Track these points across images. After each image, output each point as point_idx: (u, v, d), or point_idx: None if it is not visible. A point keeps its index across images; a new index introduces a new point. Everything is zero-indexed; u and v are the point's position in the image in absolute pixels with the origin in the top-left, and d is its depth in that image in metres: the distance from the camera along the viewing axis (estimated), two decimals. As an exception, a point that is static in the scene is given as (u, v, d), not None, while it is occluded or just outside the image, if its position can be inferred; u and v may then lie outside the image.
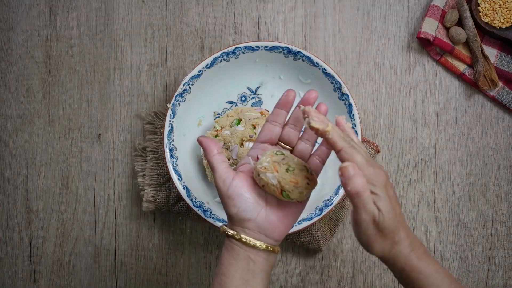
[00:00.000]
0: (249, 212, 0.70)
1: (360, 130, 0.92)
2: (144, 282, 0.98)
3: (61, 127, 0.99)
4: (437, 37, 0.96)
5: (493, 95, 0.98)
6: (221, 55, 0.92)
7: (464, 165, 0.98)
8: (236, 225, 0.71)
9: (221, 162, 0.72)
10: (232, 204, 0.70)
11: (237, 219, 0.71)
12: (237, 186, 0.71)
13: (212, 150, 0.73)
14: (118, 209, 0.98)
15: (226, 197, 0.71)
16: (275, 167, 0.70)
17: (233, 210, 0.71)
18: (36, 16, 0.99)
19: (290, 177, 0.70)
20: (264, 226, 0.71)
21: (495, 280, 0.98)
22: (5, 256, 0.99)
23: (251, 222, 0.71)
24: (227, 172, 0.71)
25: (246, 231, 0.71)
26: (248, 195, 0.71)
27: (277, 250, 0.72)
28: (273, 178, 0.69)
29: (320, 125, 0.64)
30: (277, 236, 0.72)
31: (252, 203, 0.71)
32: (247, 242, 0.70)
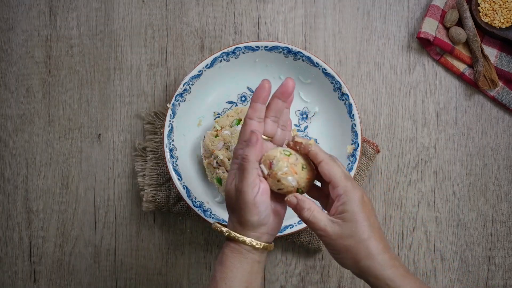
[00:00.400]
0: (267, 218, 0.71)
1: (360, 130, 0.92)
2: (144, 282, 0.98)
3: (61, 127, 0.99)
4: (437, 37, 0.96)
5: (493, 95, 0.98)
6: (221, 55, 0.92)
7: (464, 165, 0.98)
8: (249, 231, 0.71)
9: (255, 168, 0.70)
10: (256, 212, 0.70)
11: (255, 225, 0.70)
12: (263, 194, 0.70)
13: (257, 154, 0.71)
14: (118, 209, 0.98)
15: (251, 204, 0.69)
16: (293, 169, 0.70)
17: (255, 218, 0.70)
18: (36, 16, 0.99)
19: (306, 175, 0.71)
20: (271, 227, 0.72)
21: (495, 280, 0.98)
22: (5, 256, 0.99)
23: (265, 226, 0.71)
24: (257, 179, 0.70)
25: (258, 235, 0.71)
26: (268, 202, 0.71)
27: (271, 248, 0.74)
28: (293, 181, 0.70)
29: (303, 140, 0.71)
30: (276, 233, 0.74)
31: (269, 209, 0.71)
32: (257, 247, 0.71)
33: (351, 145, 0.93)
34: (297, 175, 0.70)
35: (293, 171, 0.70)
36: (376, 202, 0.98)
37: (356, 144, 0.93)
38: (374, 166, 0.98)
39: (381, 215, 0.98)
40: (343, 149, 0.94)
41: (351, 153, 0.93)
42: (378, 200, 0.98)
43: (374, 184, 0.98)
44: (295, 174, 0.70)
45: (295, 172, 0.70)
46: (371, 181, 0.98)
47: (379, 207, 0.98)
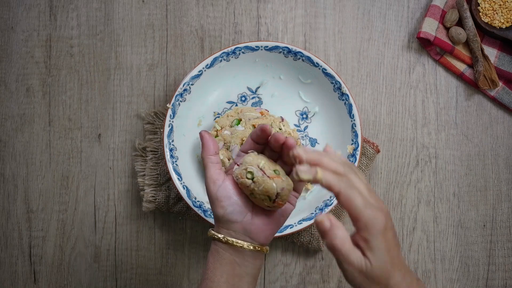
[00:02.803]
0: (236, 215, 0.71)
1: (360, 130, 0.92)
2: (144, 282, 0.98)
3: (61, 127, 0.99)
4: (437, 37, 0.96)
5: (493, 95, 0.98)
6: (221, 55, 0.92)
7: (464, 165, 0.98)
8: (223, 227, 0.72)
9: (215, 163, 0.73)
10: (220, 206, 0.71)
11: (224, 221, 0.71)
12: (226, 188, 0.71)
13: (209, 149, 0.73)
14: (118, 209, 0.98)
15: (214, 198, 0.71)
16: (242, 187, 0.71)
17: (220, 211, 0.71)
18: (36, 16, 0.99)
19: (254, 201, 0.72)
20: (249, 229, 0.71)
21: (495, 280, 0.98)
22: (5, 256, 0.99)
23: (237, 224, 0.71)
24: (218, 174, 0.72)
25: (232, 233, 0.71)
26: (236, 198, 0.72)
27: (266, 250, 0.73)
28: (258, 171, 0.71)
29: (309, 176, 0.60)
30: (262, 239, 0.72)
31: (240, 206, 0.71)
32: (233, 244, 0.70)
33: (351, 145, 0.93)
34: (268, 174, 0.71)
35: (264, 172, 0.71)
36: (376, 202, 0.98)
37: (356, 144, 0.93)
38: (374, 166, 0.98)
39: (381, 215, 0.98)
40: (343, 149, 0.94)
41: (351, 153, 0.93)
42: (378, 200, 0.98)
43: (374, 184, 0.98)
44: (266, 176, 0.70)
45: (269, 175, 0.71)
46: (371, 181, 0.98)
47: (379, 207, 0.98)
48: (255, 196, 0.71)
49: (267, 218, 0.73)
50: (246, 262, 0.71)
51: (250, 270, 0.72)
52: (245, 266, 0.71)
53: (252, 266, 0.72)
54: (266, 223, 0.73)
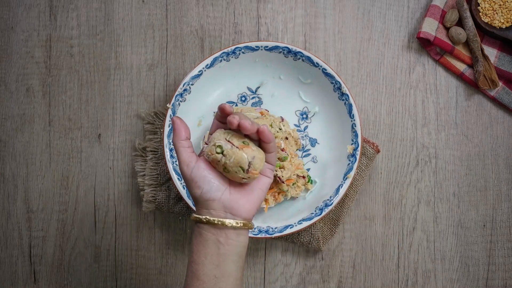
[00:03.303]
0: (213, 193, 0.71)
1: (360, 130, 0.92)
2: (144, 282, 0.98)
3: (61, 127, 0.99)
4: (437, 37, 0.96)
5: (493, 95, 0.98)
6: (221, 55, 0.92)
7: (464, 165, 0.98)
8: (202, 208, 0.72)
9: (186, 147, 0.73)
10: (196, 186, 0.72)
11: (202, 201, 0.72)
12: (199, 168, 0.72)
13: (181, 134, 0.73)
14: (118, 209, 0.98)
15: (189, 180, 0.72)
16: (214, 164, 0.72)
17: (197, 192, 0.72)
18: (36, 16, 0.99)
19: (227, 176, 0.72)
20: (229, 205, 0.72)
21: (495, 280, 0.98)
22: (5, 256, 0.99)
23: (215, 202, 0.71)
24: (191, 157, 0.73)
25: (212, 212, 0.72)
26: (211, 177, 0.72)
27: (249, 226, 0.73)
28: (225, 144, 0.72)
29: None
30: (244, 213, 0.72)
31: (216, 183, 0.72)
32: (214, 223, 0.71)
33: (351, 145, 0.93)
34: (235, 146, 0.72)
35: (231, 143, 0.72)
36: (376, 202, 0.98)
37: (356, 144, 0.93)
38: (374, 166, 0.98)
39: (381, 215, 0.98)
40: (343, 149, 0.94)
41: (351, 153, 0.93)
42: (378, 200, 0.98)
43: (374, 184, 0.98)
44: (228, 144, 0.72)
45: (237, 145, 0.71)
46: (371, 181, 0.98)
47: (379, 207, 0.98)
48: (228, 170, 0.71)
49: (245, 192, 0.73)
50: (229, 240, 0.71)
51: (235, 249, 0.72)
52: (229, 244, 0.71)
53: (236, 243, 0.72)
54: (245, 197, 0.73)
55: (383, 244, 0.98)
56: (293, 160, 0.92)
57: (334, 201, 0.92)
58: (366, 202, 0.98)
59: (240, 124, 0.70)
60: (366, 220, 0.98)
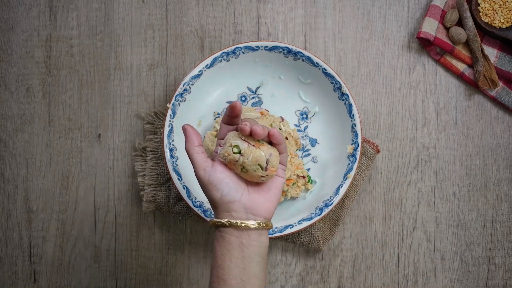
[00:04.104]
0: (233, 194, 0.72)
1: (360, 130, 0.92)
2: (144, 282, 0.98)
3: (61, 127, 0.99)
4: (437, 37, 0.96)
5: (493, 95, 0.98)
6: (221, 55, 0.92)
7: (464, 165, 0.98)
8: (223, 212, 0.72)
9: (200, 152, 0.74)
10: (215, 189, 0.72)
11: (222, 203, 0.72)
12: (216, 171, 0.72)
13: (193, 141, 0.74)
14: (118, 209, 0.98)
15: (208, 184, 0.72)
16: (231, 165, 0.73)
17: (217, 195, 0.72)
18: (36, 16, 0.99)
19: (245, 176, 0.73)
20: (249, 205, 0.72)
21: (495, 280, 0.98)
22: (5, 256, 0.98)
23: (236, 203, 0.72)
24: (206, 161, 0.73)
25: (233, 214, 0.72)
26: (229, 179, 0.72)
27: (270, 226, 0.73)
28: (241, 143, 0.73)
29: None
30: (264, 213, 0.73)
31: (234, 185, 0.72)
32: (238, 225, 0.71)
33: (351, 145, 0.93)
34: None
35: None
36: (376, 202, 0.98)
37: (356, 144, 0.93)
38: (374, 166, 0.98)
39: (381, 215, 0.98)
40: (343, 149, 0.94)
41: (351, 153, 0.93)
42: (378, 200, 0.98)
43: (374, 184, 0.98)
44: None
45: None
46: (371, 181, 0.98)
47: (379, 207, 0.98)
48: (247, 169, 0.72)
49: (263, 192, 0.74)
50: (252, 242, 0.71)
51: (258, 249, 0.72)
52: (252, 246, 0.71)
53: (259, 244, 0.72)
54: (263, 196, 0.73)
55: (383, 244, 0.98)
56: (293, 160, 0.92)
57: (334, 201, 0.92)
58: (366, 202, 0.98)
59: (253, 130, 0.71)
60: (366, 220, 0.98)
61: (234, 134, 0.73)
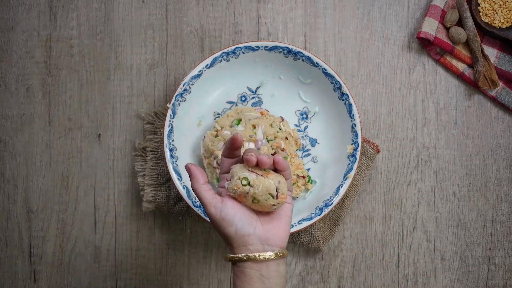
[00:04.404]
0: (247, 227, 0.72)
1: (360, 130, 0.92)
2: (144, 282, 0.98)
3: (61, 127, 0.99)
4: (437, 37, 0.96)
5: (493, 95, 0.98)
6: (221, 55, 0.92)
7: (464, 165, 0.98)
8: (239, 247, 0.72)
9: (208, 190, 0.74)
10: (228, 225, 0.72)
11: (237, 238, 0.72)
12: (227, 207, 0.72)
13: (199, 179, 0.74)
14: (118, 209, 0.98)
15: (221, 220, 0.72)
16: (241, 198, 0.73)
17: (231, 230, 0.72)
18: (36, 16, 0.99)
19: (257, 207, 0.73)
20: (264, 236, 0.72)
21: (495, 280, 0.98)
22: (5, 256, 0.99)
23: (251, 236, 0.72)
24: (215, 198, 0.73)
25: (250, 247, 0.71)
26: (241, 213, 0.72)
27: (286, 254, 0.73)
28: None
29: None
30: (279, 242, 0.73)
31: (247, 218, 0.72)
32: (256, 258, 0.71)
33: (351, 145, 0.93)
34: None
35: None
36: (376, 202, 0.98)
37: (356, 144, 0.93)
38: (374, 166, 0.98)
39: (381, 215, 0.98)
40: (343, 149, 0.94)
41: (351, 153, 0.93)
42: (378, 200, 0.98)
43: (374, 184, 0.98)
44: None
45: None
46: (371, 181, 0.98)
47: (379, 207, 0.98)
48: (258, 199, 0.72)
49: (275, 221, 0.74)
50: (272, 273, 0.71)
51: (278, 280, 0.72)
52: (272, 277, 0.71)
53: (278, 275, 0.72)
54: (277, 226, 0.73)
55: (383, 244, 0.98)
56: (293, 160, 0.92)
57: (334, 201, 0.92)
58: (366, 202, 0.98)
59: (259, 159, 0.71)
60: (366, 220, 0.98)
61: (239, 166, 0.73)
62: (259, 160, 0.71)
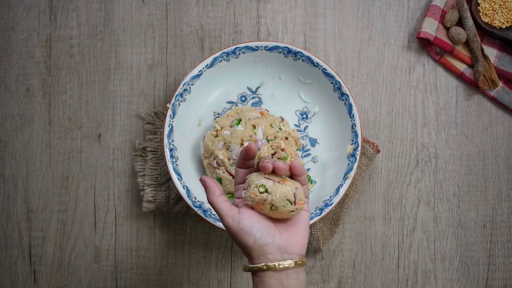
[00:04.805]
0: (266, 237, 0.72)
1: (360, 130, 0.92)
2: (144, 282, 0.98)
3: (61, 127, 0.99)
4: (437, 37, 0.96)
5: (493, 95, 0.98)
6: (221, 55, 0.92)
7: (464, 165, 0.98)
8: (258, 256, 0.72)
9: (224, 201, 0.74)
10: (247, 235, 0.72)
11: (257, 248, 0.71)
12: (245, 217, 0.72)
13: (214, 192, 0.74)
14: (118, 209, 0.98)
15: (239, 231, 0.72)
16: (259, 206, 0.72)
17: (250, 240, 0.71)
18: (36, 16, 0.99)
19: (275, 215, 0.73)
20: (283, 245, 0.72)
21: (495, 280, 0.98)
22: (5, 256, 0.99)
23: (270, 245, 0.71)
24: (232, 209, 0.73)
25: (269, 257, 0.71)
26: (259, 224, 0.72)
27: (306, 262, 0.73)
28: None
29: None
30: (298, 250, 0.73)
31: (265, 228, 0.72)
32: (276, 267, 0.70)
33: (351, 145, 0.93)
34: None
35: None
36: (376, 202, 0.98)
37: (356, 144, 0.93)
38: (374, 166, 0.98)
39: (381, 215, 0.98)
40: (343, 149, 0.94)
41: (351, 153, 0.93)
42: (378, 200, 0.98)
43: (374, 184, 0.98)
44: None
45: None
46: (371, 181, 0.98)
47: (379, 207, 0.98)
48: (276, 206, 0.72)
49: (292, 230, 0.74)
50: (292, 281, 0.71)
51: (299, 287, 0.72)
52: (293, 285, 0.71)
53: (298, 283, 0.72)
54: (295, 234, 0.73)
55: (383, 244, 0.98)
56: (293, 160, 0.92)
57: (334, 201, 0.92)
58: (366, 202, 0.98)
59: (275, 166, 0.71)
60: (366, 220, 0.98)
61: (255, 174, 0.73)
62: (275, 166, 0.71)
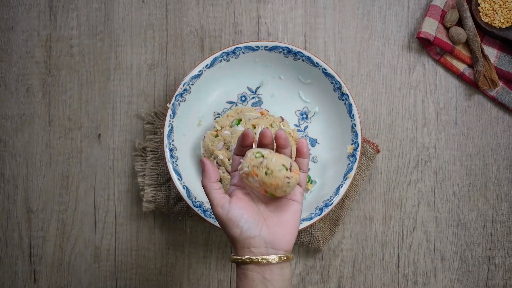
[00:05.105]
0: (253, 230, 0.71)
1: (360, 130, 0.92)
2: (144, 282, 0.98)
3: (61, 127, 0.99)
4: (437, 37, 0.96)
5: (493, 95, 0.98)
6: (221, 55, 0.92)
7: (464, 165, 0.98)
8: (243, 248, 0.71)
9: (217, 189, 0.73)
10: (234, 226, 0.71)
11: (242, 239, 0.71)
12: (235, 208, 0.72)
13: (210, 177, 0.74)
14: (118, 209, 0.98)
15: (227, 220, 0.72)
16: (254, 172, 0.71)
17: (237, 231, 0.71)
18: (36, 16, 0.99)
19: (270, 180, 0.71)
20: (269, 239, 0.71)
21: (495, 280, 0.98)
22: (5, 256, 0.99)
23: (256, 238, 0.71)
24: (223, 198, 0.73)
25: (254, 250, 0.71)
26: (248, 215, 0.72)
27: (291, 258, 0.73)
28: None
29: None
30: (284, 245, 0.72)
31: (253, 220, 0.72)
32: (259, 261, 0.70)
33: (351, 145, 0.93)
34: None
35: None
36: (376, 202, 0.98)
37: (356, 144, 0.93)
38: (374, 166, 0.98)
39: (381, 215, 0.98)
40: (343, 149, 0.94)
41: (351, 153, 0.93)
42: (378, 200, 0.98)
43: (374, 184, 0.98)
44: (255, 176, 0.71)
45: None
46: (371, 181, 0.98)
47: (379, 207, 0.98)
48: (272, 169, 0.70)
49: (281, 224, 0.73)
50: (275, 276, 0.71)
51: (281, 283, 0.71)
52: (276, 280, 0.71)
53: (282, 278, 0.71)
54: (283, 229, 0.73)
55: (383, 244, 0.98)
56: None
57: (334, 201, 0.92)
58: (366, 202, 0.98)
59: (276, 134, 0.72)
60: (366, 220, 0.98)
61: (253, 148, 0.73)
62: (276, 134, 0.72)
